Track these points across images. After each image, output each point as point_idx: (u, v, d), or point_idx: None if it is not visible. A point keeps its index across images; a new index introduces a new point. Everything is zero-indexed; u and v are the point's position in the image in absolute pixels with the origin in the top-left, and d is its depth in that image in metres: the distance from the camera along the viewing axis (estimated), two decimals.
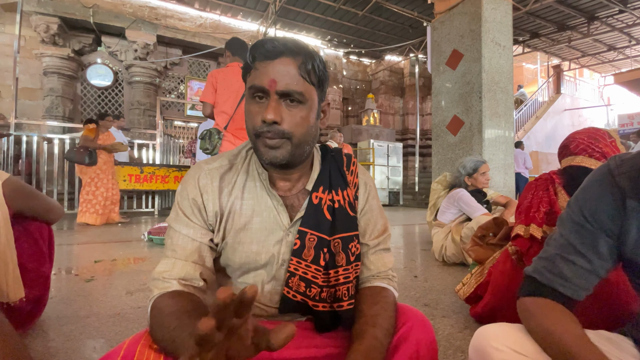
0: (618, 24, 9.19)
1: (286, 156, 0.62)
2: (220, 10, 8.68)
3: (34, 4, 6.61)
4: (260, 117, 0.60)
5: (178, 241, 0.63)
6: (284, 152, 0.62)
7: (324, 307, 0.65)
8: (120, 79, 7.92)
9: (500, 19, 3.94)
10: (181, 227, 0.64)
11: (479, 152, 3.76)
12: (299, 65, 0.61)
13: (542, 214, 1.17)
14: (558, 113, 12.01)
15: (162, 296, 0.58)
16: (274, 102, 0.60)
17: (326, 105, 0.70)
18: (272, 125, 0.60)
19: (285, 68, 0.60)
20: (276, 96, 0.60)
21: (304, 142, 0.64)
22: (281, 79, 0.59)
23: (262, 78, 0.60)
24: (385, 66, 11.39)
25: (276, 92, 0.60)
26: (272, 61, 0.60)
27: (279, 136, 0.61)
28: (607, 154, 1.10)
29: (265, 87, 0.60)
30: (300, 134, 0.62)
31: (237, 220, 0.66)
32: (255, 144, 0.64)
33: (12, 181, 1.15)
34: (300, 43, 0.63)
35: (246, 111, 0.64)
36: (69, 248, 3.02)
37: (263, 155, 0.62)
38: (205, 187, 0.66)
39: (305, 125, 0.63)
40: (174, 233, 0.64)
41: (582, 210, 0.63)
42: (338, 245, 0.67)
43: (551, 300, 0.62)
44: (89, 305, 1.59)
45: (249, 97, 0.63)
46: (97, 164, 4.45)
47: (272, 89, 0.59)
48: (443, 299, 1.74)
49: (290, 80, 0.60)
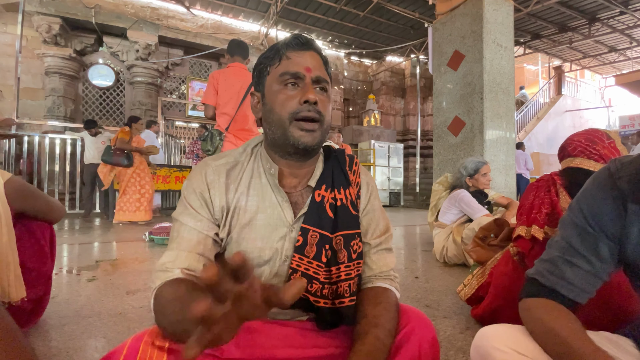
0: (619, 26, 9.18)
1: (318, 140, 0.66)
2: (221, 10, 8.69)
3: (36, 4, 6.63)
4: (299, 99, 0.64)
5: (184, 233, 0.63)
6: (317, 136, 0.66)
7: (325, 303, 0.65)
8: (121, 79, 7.93)
9: (502, 20, 3.94)
10: (188, 219, 0.64)
11: (480, 153, 3.75)
12: (323, 60, 0.69)
13: (543, 215, 1.17)
14: (559, 114, 12.00)
15: (165, 284, 0.57)
16: (311, 86, 0.65)
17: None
18: (313, 105, 0.64)
19: (317, 59, 0.68)
20: (311, 81, 0.65)
21: (328, 129, 0.69)
22: (316, 67, 0.67)
23: (297, 65, 0.65)
24: (387, 67, 11.40)
25: (313, 77, 0.66)
26: (305, 52, 0.67)
27: (317, 117, 0.65)
28: (604, 155, 1.11)
29: (302, 73, 0.65)
30: (327, 119, 0.68)
31: (242, 216, 0.67)
32: (287, 130, 0.65)
33: (14, 181, 1.15)
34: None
35: (274, 98, 0.66)
36: (70, 248, 3.02)
37: (299, 139, 0.64)
38: (212, 182, 0.67)
39: (329, 112, 0.69)
40: (180, 226, 0.64)
41: (584, 213, 0.63)
42: (340, 243, 0.67)
43: (553, 301, 0.62)
44: (90, 305, 1.59)
45: (279, 83, 0.66)
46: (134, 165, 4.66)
47: (308, 74, 0.65)
48: (444, 299, 1.74)
49: (320, 70, 0.67)
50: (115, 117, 7.93)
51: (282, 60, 0.66)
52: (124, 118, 7.92)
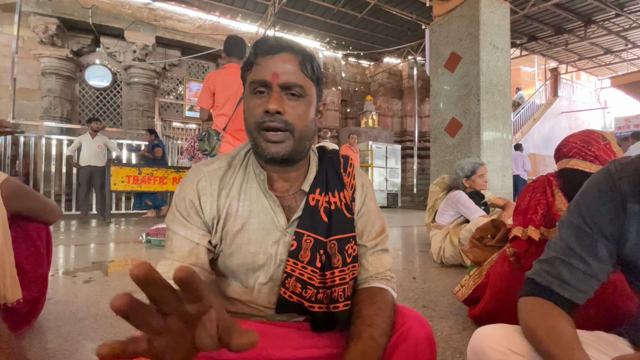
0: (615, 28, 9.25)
1: (288, 150, 0.63)
2: (219, 11, 8.69)
3: (33, 4, 6.60)
4: (262, 108, 0.61)
5: (176, 242, 0.64)
6: (286, 147, 0.62)
7: (319, 307, 0.65)
8: (118, 80, 7.91)
9: (498, 22, 3.97)
10: (179, 228, 0.64)
11: (477, 154, 3.77)
12: (299, 61, 0.63)
13: (539, 215, 1.18)
14: (555, 116, 12.06)
15: None
16: (276, 94, 0.61)
17: (322, 106, 0.72)
18: (275, 115, 0.61)
19: (286, 62, 0.62)
20: (278, 88, 0.61)
21: (304, 137, 0.65)
22: (283, 72, 0.61)
23: (264, 72, 0.62)
24: (384, 68, 11.42)
25: (278, 84, 0.61)
26: (274, 56, 0.62)
27: (282, 127, 0.61)
28: (600, 157, 1.12)
29: (267, 80, 0.61)
30: (301, 127, 0.63)
31: (235, 221, 0.66)
32: (255, 140, 0.64)
33: (10, 182, 1.15)
34: (299, 44, 0.66)
35: (246, 108, 0.65)
36: (66, 249, 3.01)
37: (265, 150, 0.62)
38: (203, 189, 0.66)
39: (305, 119, 0.64)
40: (172, 234, 0.65)
41: (582, 214, 0.64)
42: (334, 247, 0.66)
43: (543, 300, 0.63)
44: (86, 307, 1.58)
45: (249, 92, 0.64)
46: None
47: (274, 82, 0.61)
48: (441, 300, 1.75)
49: (291, 74, 0.62)
50: (112, 118, 7.90)
51: (253, 67, 0.64)
52: (121, 119, 7.90)
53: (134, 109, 7.71)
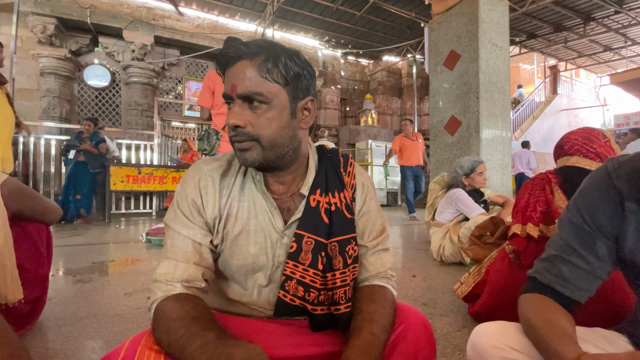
0: (614, 25, 9.24)
1: (257, 158, 0.62)
2: (217, 10, 8.66)
3: (31, 4, 6.58)
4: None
5: (179, 243, 0.63)
6: (254, 155, 0.62)
7: (322, 310, 0.65)
8: (117, 79, 7.89)
9: (497, 20, 3.96)
10: (181, 227, 0.64)
11: (476, 152, 3.77)
12: (258, 66, 0.60)
13: (538, 213, 1.18)
14: (555, 113, 12.07)
15: (166, 299, 0.58)
16: (236, 107, 0.61)
17: (309, 103, 0.66)
18: (236, 129, 0.61)
19: (243, 71, 0.60)
20: (239, 100, 0.61)
21: (277, 144, 0.62)
22: (240, 83, 0.60)
23: (227, 84, 0.62)
24: (383, 67, 11.41)
25: (237, 96, 0.60)
26: (233, 66, 0.61)
27: (246, 139, 0.61)
28: (601, 154, 1.12)
29: (228, 94, 0.62)
30: (269, 135, 0.61)
31: (236, 222, 0.66)
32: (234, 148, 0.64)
33: (10, 182, 1.15)
34: (264, 42, 0.62)
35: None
36: (67, 249, 3.01)
37: (239, 157, 0.63)
38: (205, 188, 0.66)
39: (273, 126, 0.61)
40: (174, 234, 0.64)
41: (581, 213, 0.64)
42: (335, 249, 0.66)
43: (546, 297, 0.63)
44: (87, 306, 1.58)
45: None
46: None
47: (233, 94, 0.61)
48: (441, 298, 1.75)
49: (248, 83, 0.59)
50: (111, 118, 7.89)
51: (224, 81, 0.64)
52: (120, 119, 7.89)
53: (132, 109, 7.70)
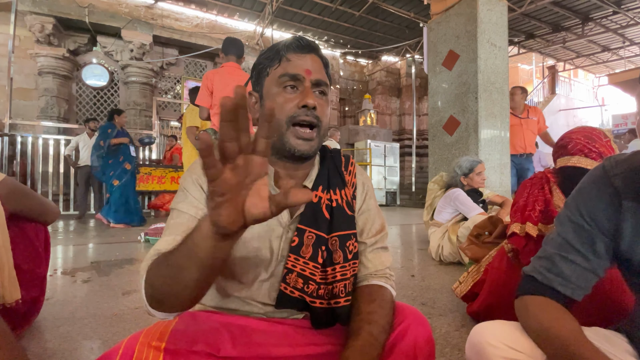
0: (612, 25, 9.27)
1: (315, 148, 0.66)
2: (216, 10, 8.66)
3: (29, 3, 6.55)
4: (297, 103, 0.63)
5: (182, 220, 0.61)
6: (314, 144, 0.66)
7: (321, 303, 0.66)
8: (116, 79, 7.87)
9: (496, 20, 3.97)
10: (188, 207, 0.62)
11: (475, 152, 3.77)
12: (324, 64, 0.69)
13: (537, 212, 1.18)
14: (553, 113, 12.09)
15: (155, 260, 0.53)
16: (310, 90, 0.65)
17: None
18: (312, 110, 0.63)
19: (316, 62, 0.67)
20: (310, 84, 0.65)
21: (325, 134, 0.68)
22: (314, 70, 0.66)
23: (297, 67, 0.65)
24: (382, 67, 11.42)
25: (311, 80, 0.65)
26: (306, 55, 0.66)
27: (315, 122, 0.64)
28: (603, 153, 1.12)
29: (301, 75, 0.64)
30: (325, 124, 0.67)
31: None
32: (284, 135, 0.64)
33: (8, 182, 1.14)
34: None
35: (274, 100, 0.65)
36: (65, 249, 3.00)
37: (295, 147, 0.64)
38: None
39: (328, 115, 0.69)
40: (178, 213, 0.62)
41: (580, 210, 0.64)
42: (335, 243, 0.67)
43: (549, 299, 0.63)
44: (85, 307, 1.58)
45: (278, 86, 0.65)
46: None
47: (308, 76, 0.65)
48: (440, 297, 1.75)
49: (321, 73, 0.67)
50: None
51: (282, 61, 0.65)
52: None
53: (131, 108, 7.68)
